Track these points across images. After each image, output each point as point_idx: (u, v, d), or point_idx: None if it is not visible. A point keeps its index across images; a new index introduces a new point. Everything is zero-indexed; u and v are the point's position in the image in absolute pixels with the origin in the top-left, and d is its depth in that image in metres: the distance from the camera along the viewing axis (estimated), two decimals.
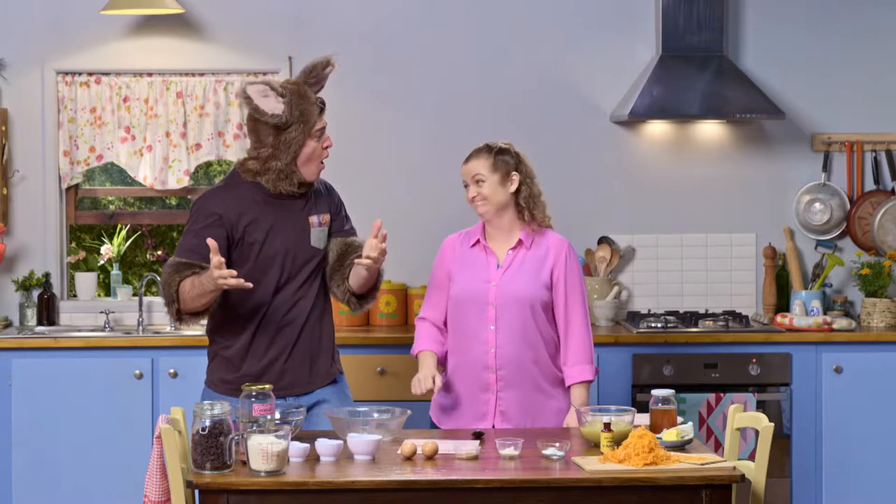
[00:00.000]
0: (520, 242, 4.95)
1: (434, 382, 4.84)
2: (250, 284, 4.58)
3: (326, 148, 4.81)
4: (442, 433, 4.72)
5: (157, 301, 6.80)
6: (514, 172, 4.94)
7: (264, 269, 4.79)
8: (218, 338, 4.90)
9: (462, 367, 4.94)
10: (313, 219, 4.82)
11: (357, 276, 4.82)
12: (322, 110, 4.80)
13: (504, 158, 4.94)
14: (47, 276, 6.71)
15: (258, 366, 4.82)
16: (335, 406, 4.84)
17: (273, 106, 4.73)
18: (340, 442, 4.28)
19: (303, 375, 4.86)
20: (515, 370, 4.89)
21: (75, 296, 6.89)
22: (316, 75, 4.83)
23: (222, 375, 4.88)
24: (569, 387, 4.94)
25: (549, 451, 4.27)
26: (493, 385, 4.91)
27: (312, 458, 4.26)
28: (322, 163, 4.83)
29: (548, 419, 4.92)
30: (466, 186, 4.97)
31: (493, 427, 4.89)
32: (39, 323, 6.67)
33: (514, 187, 4.94)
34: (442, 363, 5.01)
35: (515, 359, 4.89)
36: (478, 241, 4.99)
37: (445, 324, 5.02)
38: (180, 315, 4.76)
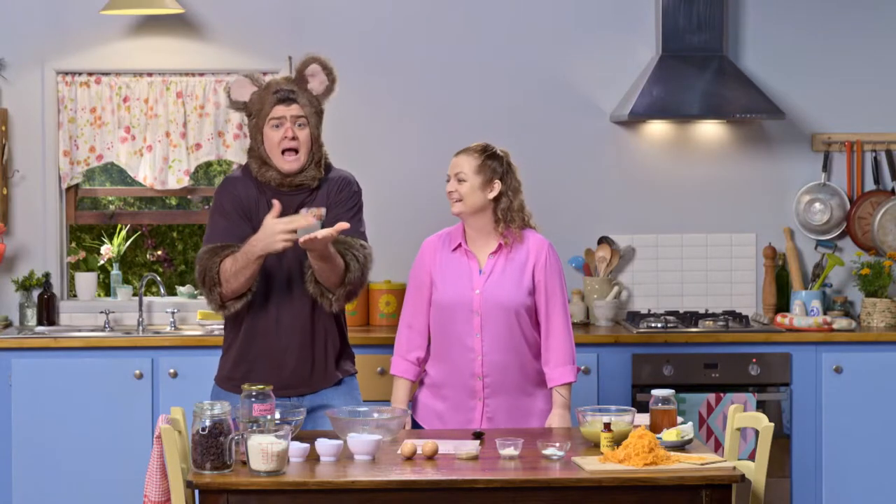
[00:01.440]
0: (500, 247, 4.93)
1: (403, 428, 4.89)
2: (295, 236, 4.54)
3: (286, 139, 4.74)
4: (441, 433, 4.72)
5: (158, 301, 6.80)
6: (497, 181, 4.90)
7: (268, 266, 4.78)
8: (226, 332, 4.92)
9: (448, 373, 4.92)
10: (302, 211, 4.81)
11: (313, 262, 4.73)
12: (283, 101, 4.74)
13: (492, 164, 4.90)
14: (47, 276, 6.71)
15: (255, 362, 4.82)
16: (339, 403, 4.83)
17: (242, 95, 4.81)
18: (340, 442, 4.27)
19: (302, 375, 4.84)
20: (501, 376, 4.88)
21: (75, 296, 6.89)
22: (300, 73, 4.83)
23: (226, 373, 4.90)
24: (551, 388, 4.93)
25: (549, 451, 4.27)
26: (480, 392, 4.90)
27: (312, 458, 4.26)
28: (292, 153, 4.76)
29: (533, 420, 4.92)
30: (448, 179, 4.95)
31: None
32: (39, 323, 6.67)
33: (493, 195, 4.90)
34: (416, 379, 5.01)
35: (501, 365, 4.87)
36: (459, 245, 4.97)
37: (429, 326, 5.01)
38: (223, 300, 4.72)
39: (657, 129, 6.88)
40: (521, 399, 4.91)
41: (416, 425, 4.99)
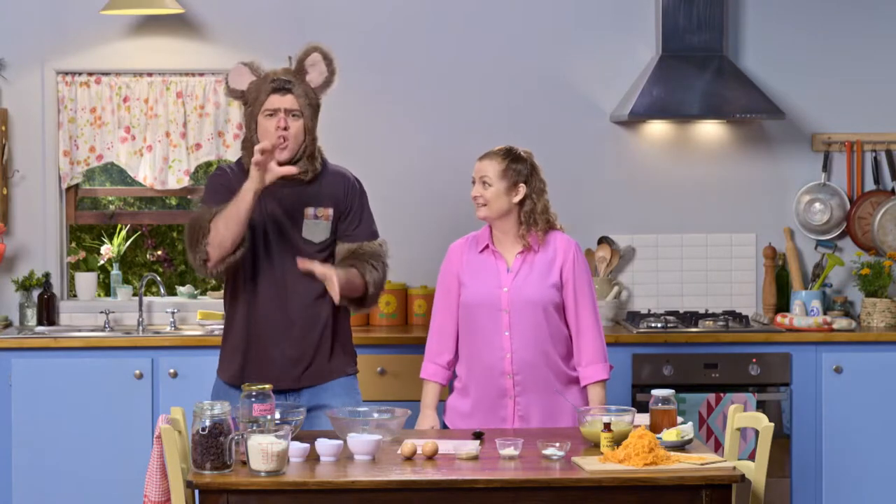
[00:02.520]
0: (528, 246, 4.95)
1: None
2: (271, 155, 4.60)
3: (278, 129, 4.75)
4: (441, 433, 4.72)
5: (157, 301, 6.80)
6: (522, 184, 4.91)
7: (256, 255, 4.79)
8: (225, 325, 4.93)
9: (478, 373, 4.93)
10: (309, 210, 4.81)
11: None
12: (278, 91, 4.75)
13: (517, 167, 4.91)
14: (47, 276, 6.71)
15: (246, 356, 4.83)
16: (338, 403, 4.84)
17: (240, 82, 4.84)
18: (340, 442, 4.28)
19: (298, 366, 4.84)
20: (531, 374, 4.89)
21: (75, 296, 6.89)
22: (299, 64, 4.84)
23: (223, 366, 4.91)
24: (584, 387, 4.94)
25: (549, 451, 4.27)
26: (511, 390, 4.90)
27: (312, 458, 4.26)
28: (283, 140, 4.75)
29: (566, 419, 4.92)
30: (474, 182, 4.96)
31: (513, 431, 4.88)
32: (39, 323, 6.67)
33: (518, 198, 4.92)
34: (446, 383, 5.04)
35: (531, 363, 4.88)
36: (486, 247, 4.98)
37: (458, 329, 5.02)
38: (208, 256, 4.69)
39: (657, 129, 6.88)
40: (552, 397, 4.91)
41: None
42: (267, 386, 4.39)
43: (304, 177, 4.82)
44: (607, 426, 4.33)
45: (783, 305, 6.84)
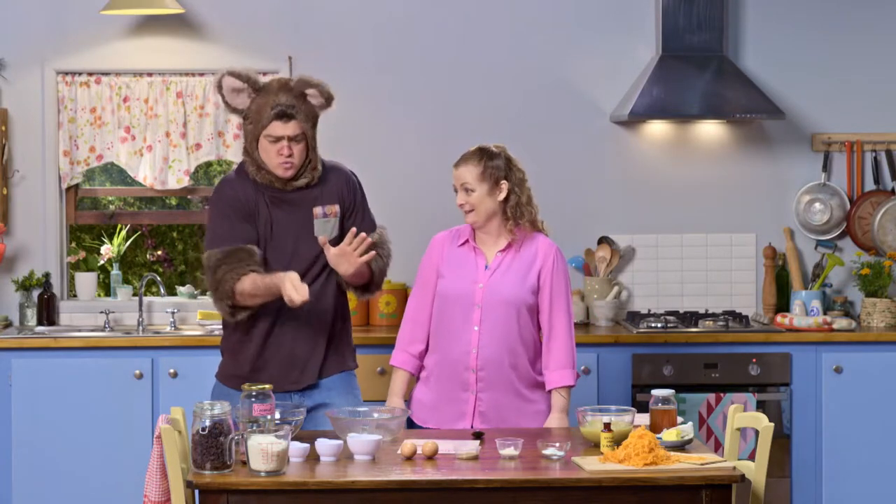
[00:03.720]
0: (509, 245, 4.95)
1: None
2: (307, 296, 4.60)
3: (281, 156, 4.74)
4: (441, 433, 4.72)
5: (158, 301, 6.80)
6: (503, 181, 4.91)
7: (271, 262, 4.79)
8: (226, 331, 4.92)
9: (443, 365, 4.94)
10: (317, 209, 4.82)
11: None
12: (281, 118, 4.72)
13: (494, 165, 4.91)
14: (47, 276, 6.71)
15: (259, 360, 4.82)
16: (340, 402, 4.84)
17: (239, 101, 4.79)
18: (340, 442, 4.28)
19: (309, 369, 4.84)
20: (495, 372, 4.89)
21: (75, 296, 6.89)
22: (304, 86, 4.82)
23: (229, 370, 4.90)
24: (549, 391, 4.94)
25: (549, 451, 4.27)
26: (473, 385, 4.90)
27: (312, 458, 4.27)
28: (287, 165, 4.76)
29: (527, 421, 4.92)
30: (456, 191, 4.97)
31: (472, 427, 4.88)
32: (39, 323, 6.67)
33: (502, 196, 4.92)
34: (416, 373, 5.04)
35: (495, 361, 4.88)
36: (466, 241, 4.99)
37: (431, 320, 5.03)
38: (233, 311, 4.77)
39: (657, 129, 6.88)
40: (514, 399, 4.91)
41: (411, 424, 4.99)
42: (267, 386, 4.39)
43: (311, 184, 4.85)
44: (607, 426, 4.33)
45: (783, 305, 6.84)
